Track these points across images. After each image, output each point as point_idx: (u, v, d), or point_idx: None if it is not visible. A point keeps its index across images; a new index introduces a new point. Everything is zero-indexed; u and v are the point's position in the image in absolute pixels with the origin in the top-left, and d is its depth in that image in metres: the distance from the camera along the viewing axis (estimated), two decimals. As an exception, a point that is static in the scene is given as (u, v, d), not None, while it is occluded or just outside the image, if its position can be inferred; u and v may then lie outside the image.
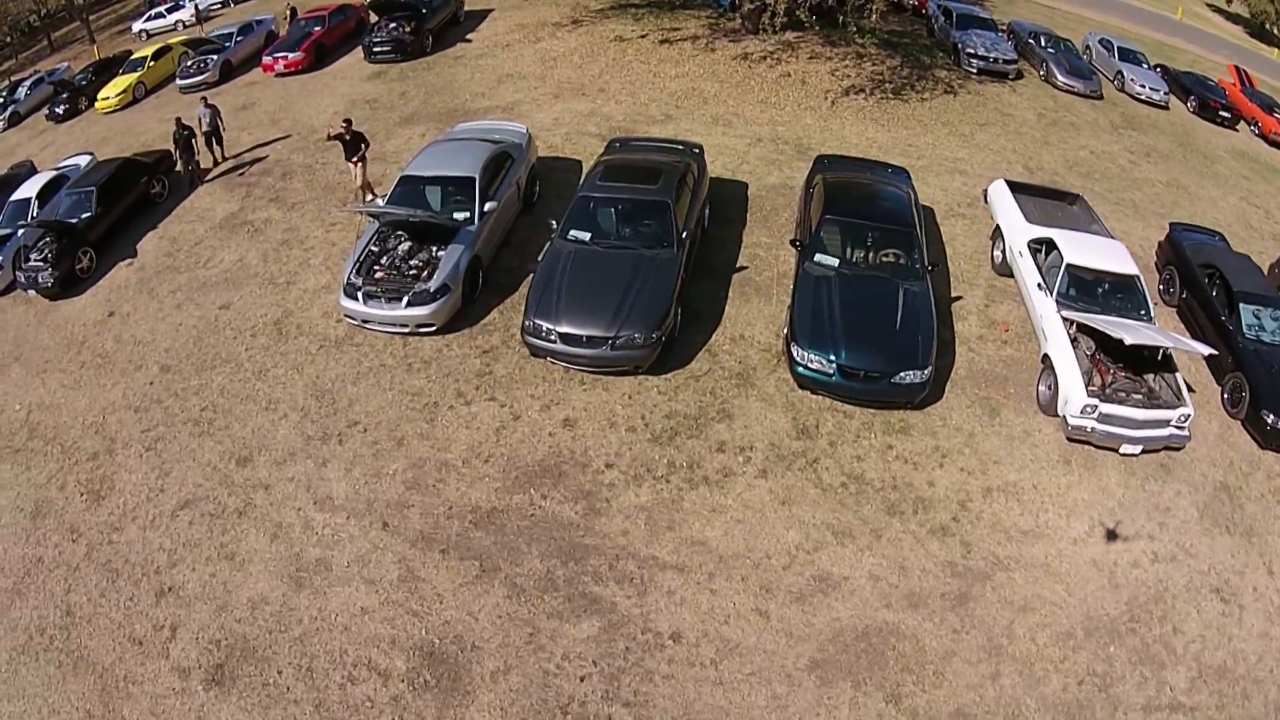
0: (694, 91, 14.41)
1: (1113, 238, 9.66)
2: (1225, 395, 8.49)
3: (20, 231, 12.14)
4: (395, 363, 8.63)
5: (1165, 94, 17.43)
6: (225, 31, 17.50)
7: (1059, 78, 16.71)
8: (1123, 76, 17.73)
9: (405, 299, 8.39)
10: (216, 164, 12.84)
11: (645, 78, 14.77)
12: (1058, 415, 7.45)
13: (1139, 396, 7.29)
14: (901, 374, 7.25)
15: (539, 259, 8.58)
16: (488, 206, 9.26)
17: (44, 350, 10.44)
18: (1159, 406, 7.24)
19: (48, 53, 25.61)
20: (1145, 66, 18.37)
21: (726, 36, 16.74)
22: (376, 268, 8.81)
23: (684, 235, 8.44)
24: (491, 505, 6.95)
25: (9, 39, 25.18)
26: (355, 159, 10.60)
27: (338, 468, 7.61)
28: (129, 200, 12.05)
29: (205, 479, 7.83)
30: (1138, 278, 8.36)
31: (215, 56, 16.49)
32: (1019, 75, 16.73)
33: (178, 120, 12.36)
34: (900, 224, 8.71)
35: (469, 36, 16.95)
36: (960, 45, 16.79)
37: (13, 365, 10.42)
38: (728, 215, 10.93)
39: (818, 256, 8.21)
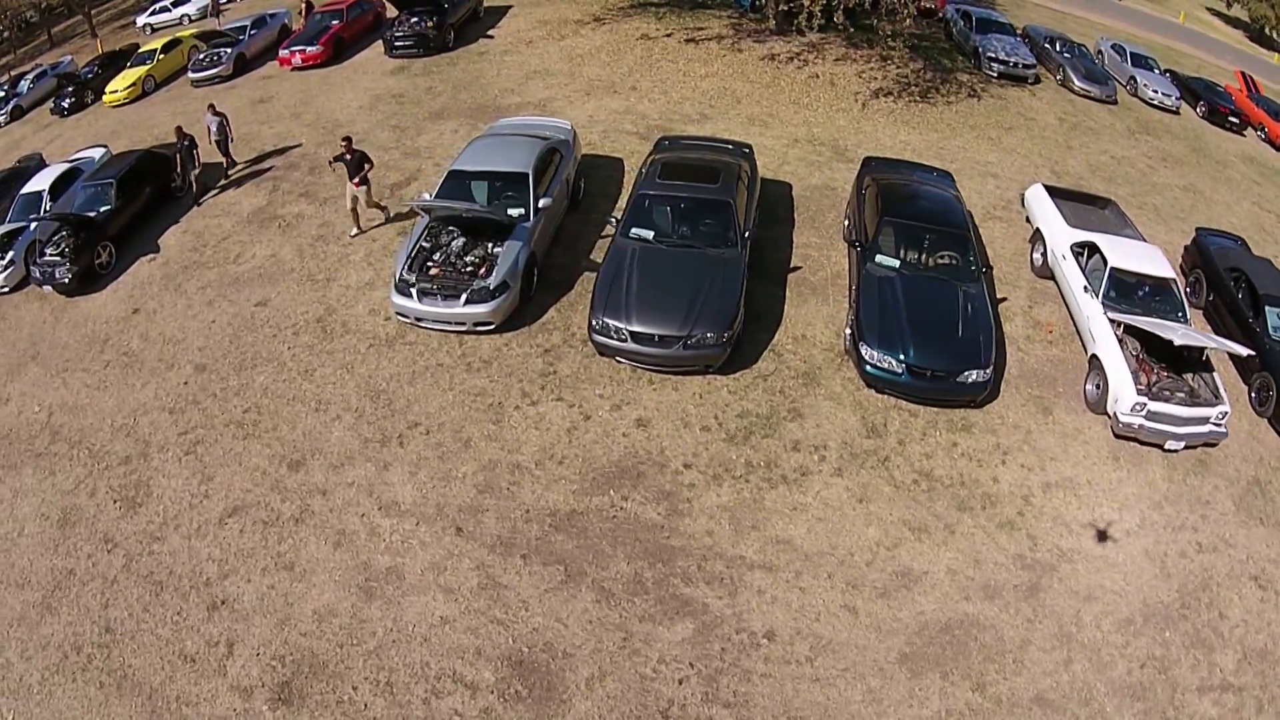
0: (726, 91, 14.32)
1: (1146, 241, 9.91)
2: (1253, 394, 8.76)
3: (33, 225, 11.62)
4: (453, 362, 8.33)
5: (1177, 99, 17.67)
6: (239, 24, 17.07)
7: (1076, 83, 16.88)
8: (1135, 82, 17.95)
9: (463, 296, 8.13)
10: (226, 174, 12.16)
11: (675, 76, 14.65)
12: (1106, 413, 7.68)
13: (1182, 395, 7.56)
14: (966, 373, 7.40)
15: (604, 257, 8.44)
16: (542, 203, 9.03)
17: (63, 349, 9.94)
18: (1200, 404, 7.52)
19: (47, 47, 24.87)
20: (1157, 72, 18.64)
21: (751, 37, 16.72)
22: (430, 264, 8.52)
23: (746, 235, 8.50)
24: (570, 508, 6.76)
25: (6, 34, 24.43)
26: (357, 179, 9.80)
27: (401, 471, 7.29)
28: (149, 193, 11.59)
29: (254, 484, 7.44)
30: (1174, 281, 8.65)
31: (229, 50, 16.02)
32: (1037, 80, 16.92)
33: (178, 130, 11.64)
34: (955, 226, 8.87)
35: (490, 33, 16.72)
36: (981, 49, 16.94)
37: (29, 364, 9.89)
38: (776, 215, 10.88)
39: (879, 257, 8.34)
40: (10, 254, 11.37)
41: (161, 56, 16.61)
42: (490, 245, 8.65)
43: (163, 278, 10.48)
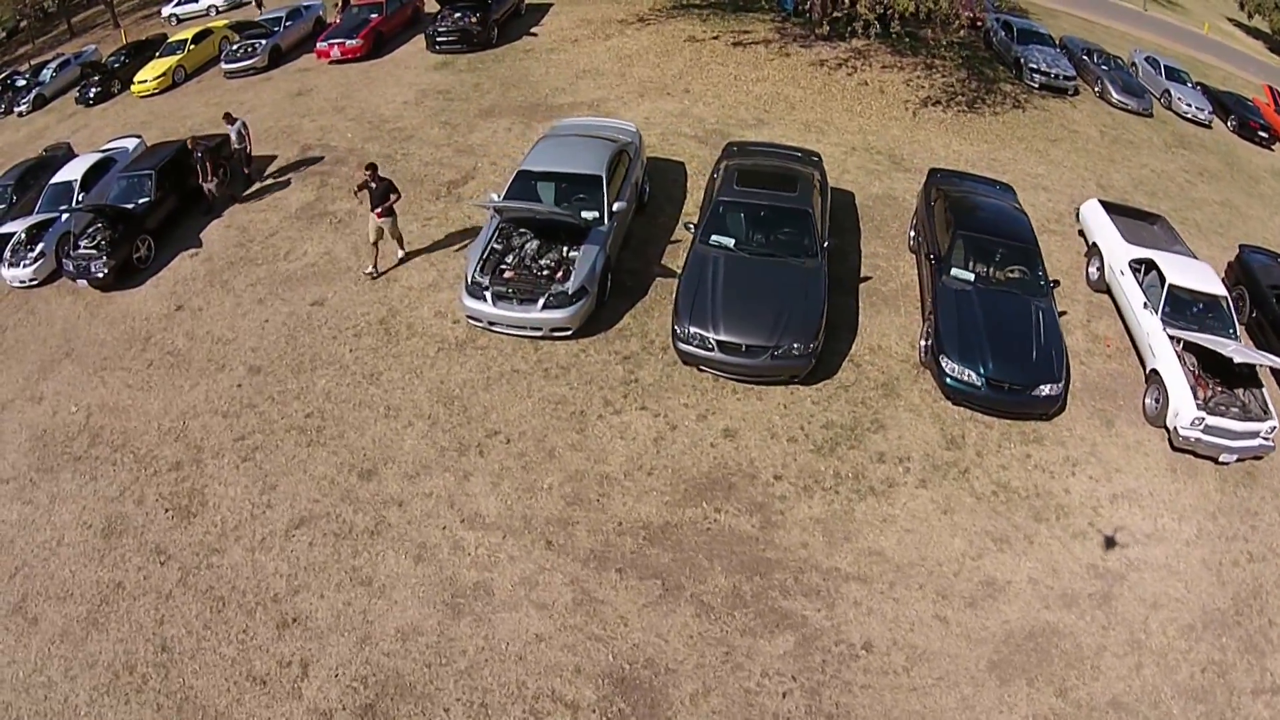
0: (778, 96, 14.14)
1: (1196, 258, 9.97)
2: None
3: (64, 216, 11.20)
4: (529, 368, 7.98)
5: (1210, 113, 17.70)
6: (273, 15, 16.73)
7: (1114, 95, 16.86)
8: (1170, 95, 17.97)
9: (541, 301, 7.85)
10: (250, 182, 11.61)
11: (726, 80, 14.45)
12: (1164, 426, 7.96)
13: (1236, 410, 7.81)
14: (1040, 387, 7.50)
15: (683, 264, 8.28)
16: (616, 206, 8.77)
17: (100, 346, 9.48)
18: (1252, 419, 7.76)
19: (67, 37, 24.46)
20: (1190, 85, 18.68)
21: (797, 41, 16.62)
22: (503, 267, 8.21)
23: (824, 245, 8.51)
24: (664, 520, 6.61)
25: (24, 23, 24.08)
26: (380, 209, 8.84)
27: (483, 481, 6.94)
28: (190, 186, 11.16)
29: (322, 494, 7.01)
30: (1226, 298, 8.81)
31: (264, 41, 15.69)
32: (1076, 91, 16.92)
33: (192, 140, 11.08)
34: (1025, 240, 8.93)
35: (533, 30, 16.50)
36: (1024, 60, 16.92)
37: (63, 361, 9.43)
38: (842, 224, 10.70)
39: (954, 270, 8.37)
40: (40, 245, 10.92)
41: (192, 47, 16.30)
42: (565, 249, 8.40)
43: (207, 274, 10.06)
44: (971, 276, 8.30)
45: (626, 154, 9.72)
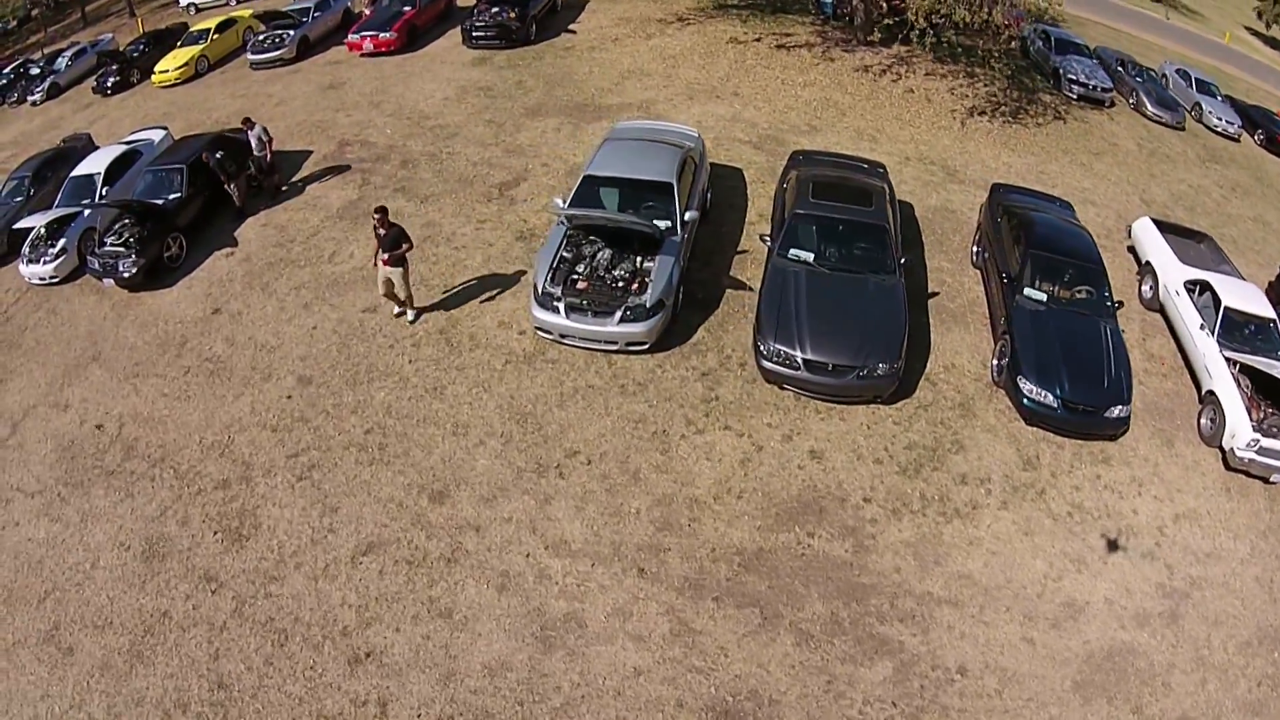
0: (827, 102, 13.84)
1: (1244, 278, 9.93)
2: None
3: (87, 211, 10.68)
4: (604, 384, 7.58)
5: (1239, 127, 17.63)
6: (301, 5, 16.18)
7: (1149, 108, 16.75)
8: (1200, 108, 17.88)
9: (618, 314, 7.48)
10: (278, 192, 10.96)
11: (774, 84, 14.14)
12: (1219, 447, 8.07)
13: None
14: (1112, 408, 7.58)
15: (763, 277, 8.08)
16: (688, 215, 8.42)
17: (130, 350, 8.94)
18: None
19: (80, 26, 23.85)
20: (1219, 98, 18.62)
21: (839, 45, 16.38)
22: (575, 276, 7.83)
23: (902, 261, 8.37)
24: (757, 545, 6.45)
25: (36, 11, 23.53)
26: (388, 257, 7.74)
27: (565, 505, 6.56)
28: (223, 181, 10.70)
29: (390, 518, 6.54)
30: (1275, 321, 8.85)
31: (292, 32, 15.18)
32: (1112, 103, 16.82)
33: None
34: (1092, 260, 8.89)
35: (571, 27, 16.11)
36: (1062, 71, 16.81)
37: (90, 366, 8.89)
38: (905, 237, 10.36)
39: (1028, 290, 8.32)
40: (62, 241, 10.36)
41: (216, 36, 15.80)
42: (639, 259, 8.04)
43: (245, 275, 9.55)
44: (1044, 296, 8.27)
45: (692, 160, 9.36)
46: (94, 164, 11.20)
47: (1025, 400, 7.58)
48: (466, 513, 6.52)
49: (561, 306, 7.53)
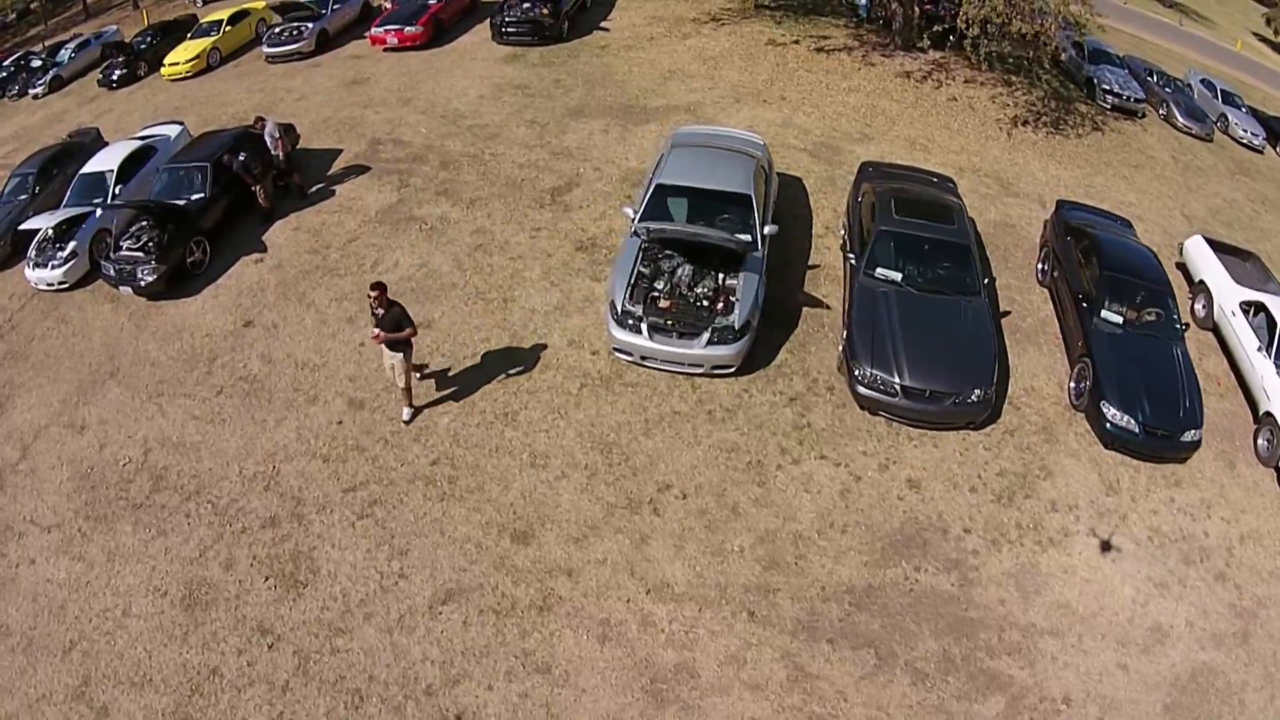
0: (875, 109, 13.46)
1: None
2: None
3: (100, 212, 9.87)
4: (690, 410, 7.04)
5: (1264, 139, 17.58)
6: (318, -4, 15.52)
7: (1179, 119, 16.62)
8: (1226, 120, 17.80)
9: (705, 335, 6.97)
10: (303, 193, 10.19)
11: (819, 89, 13.68)
12: (1274, 467, 8.13)
13: None
14: (1188, 432, 7.59)
15: (850, 298, 7.72)
16: (767, 229, 7.93)
17: (152, 366, 8.20)
18: None
19: (82, 18, 22.85)
20: (1243, 109, 18.59)
21: (877, 50, 16.04)
22: (655, 294, 7.30)
23: (986, 281, 8.12)
24: (866, 583, 6.23)
25: (35, 4, 22.63)
26: (379, 333, 6.46)
27: (663, 545, 6.08)
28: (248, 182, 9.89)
29: (469, 562, 5.92)
30: None
31: (310, 24, 14.40)
32: (1144, 114, 16.71)
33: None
34: (1161, 282, 8.76)
35: (603, 25, 15.49)
36: (1096, 80, 16.64)
37: (107, 383, 8.13)
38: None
39: (1105, 314, 8.21)
40: (72, 244, 9.53)
41: (228, 28, 14.99)
42: (721, 276, 7.55)
43: (278, 284, 8.83)
44: (1120, 319, 8.15)
45: (763, 169, 8.85)
46: (105, 160, 10.36)
47: (1108, 425, 7.45)
48: (555, 555, 5.96)
49: (644, 327, 6.97)
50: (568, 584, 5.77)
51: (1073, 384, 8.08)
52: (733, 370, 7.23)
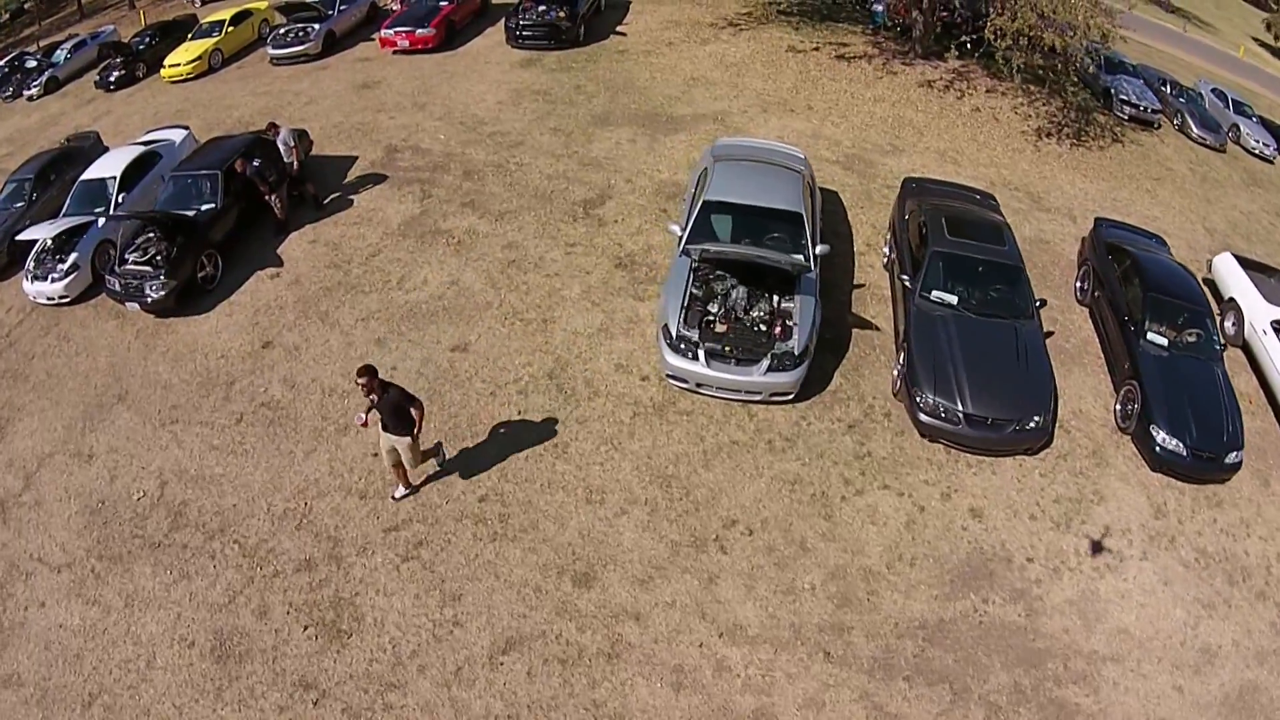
0: (902, 120, 13.30)
1: None
2: None
3: (101, 222, 9.35)
4: (749, 439, 6.77)
5: (1275, 149, 17.71)
6: (322, -3, 15.02)
7: (1194, 130, 16.66)
8: (1238, 130, 17.89)
9: (765, 362, 6.71)
10: (317, 204, 9.73)
11: (844, 98, 13.50)
12: None
13: None
14: (1231, 453, 7.67)
15: (905, 322, 7.57)
16: (819, 249, 7.69)
17: (164, 389, 7.73)
18: None
19: (77, 19, 22.18)
20: (1254, 119, 18.75)
21: (897, 58, 15.93)
22: (710, 318, 7.01)
23: (1037, 304, 8.02)
24: (938, 617, 6.18)
25: (30, 4, 21.95)
26: (374, 414, 5.75)
27: (734, 585, 5.84)
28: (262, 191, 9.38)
29: (529, 607, 5.57)
30: None
31: (317, 25, 13.92)
32: (1159, 125, 16.79)
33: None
34: (1200, 303, 8.74)
35: (620, 29, 15.21)
36: (1114, 91, 16.66)
37: (115, 407, 7.66)
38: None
39: (1151, 336, 8.24)
40: (73, 256, 9.01)
41: (230, 29, 14.48)
42: (775, 298, 7.30)
43: (297, 302, 8.39)
44: (1165, 341, 8.14)
45: (808, 185, 8.61)
46: (107, 167, 9.82)
47: (1157, 449, 7.44)
48: (621, 598, 5.65)
49: (701, 353, 6.67)
50: (636, 629, 5.46)
51: (1119, 406, 8.05)
52: (791, 397, 6.98)
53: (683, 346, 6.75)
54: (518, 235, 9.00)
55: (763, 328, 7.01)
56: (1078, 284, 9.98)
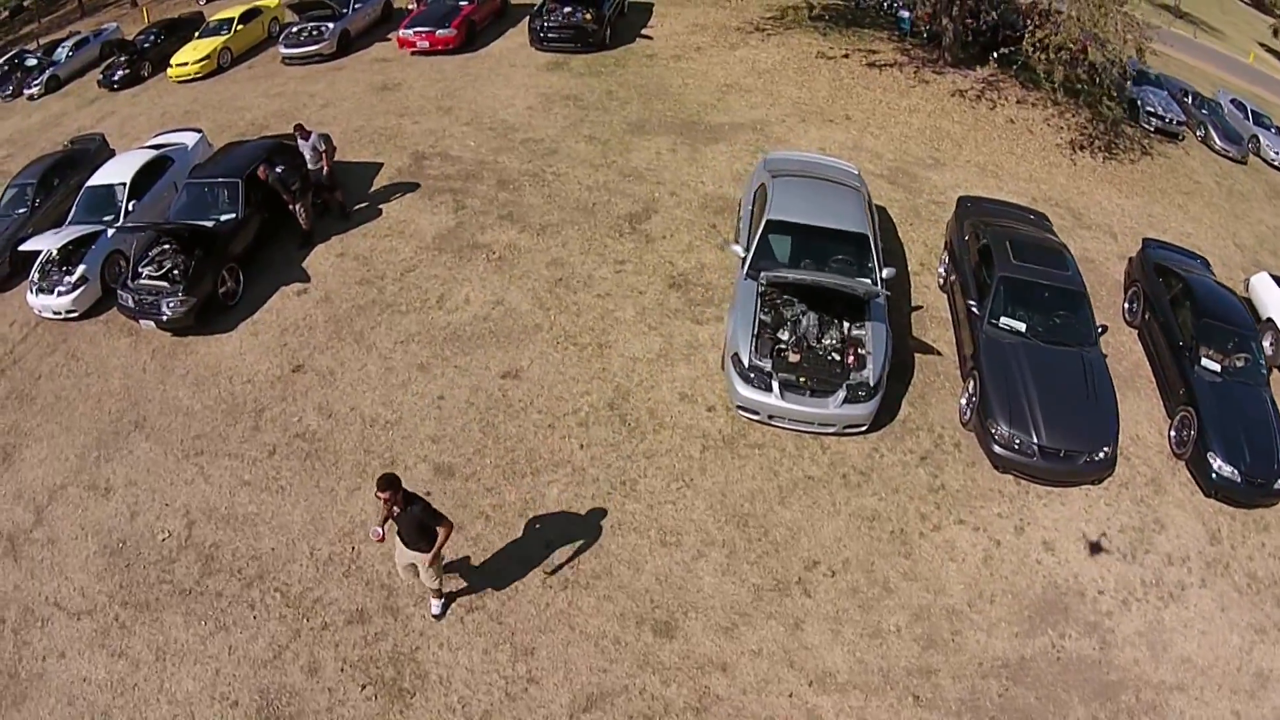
0: (939, 131, 13.14)
1: None
2: None
3: (111, 231, 8.83)
4: (823, 474, 6.52)
5: None
6: (334, -7, 14.51)
7: (1217, 142, 16.73)
8: (1258, 141, 17.99)
9: (841, 394, 6.47)
10: (343, 213, 9.28)
11: (880, 108, 13.31)
12: None
13: None
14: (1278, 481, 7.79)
15: (975, 351, 7.42)
16: (886, 273, 7.47)
17: (185, 417, 7.26)
18: None
19: (77, 16, 21.60)
20: (1273, 130, 18.84)
21: (927, 66, 15.81)
22: (781, 347, 6.75)
23: (1099, 330, 7.93)
24: (1019, 655, 6.17)
25: (30, 1, 21.47)
26: (408, 540, 5.20)
27: (820, 629, 5.66)
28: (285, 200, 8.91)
29: (609, 660, 5.23)
30: None
31: (331, 24, 13.45)
32: (1183, 136, 16.84)
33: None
34: (1248, 327, 8.77)
35: (645, 33, 14.93)
36: (1140, 102, 16.67)
37: (132, 435, 7.20)
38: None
39: (1204, 362, 8.25)
40: (81, 268, 8.50)
41: (240, 27, 13.99)
42: (846, 325, 7.06)
43: (328, 321, 7.95)
44: (1218, 368, 8.15)
45: (869, 204, 8.40)
46: (116, 172, 9.31)
47: (1214, 476, 7.48)
48: (705, 648, 5.37)
49: (775, 384, 6.41)
50: (723, 681, 5.18)
51: (1173, 432, 8.08)
52: (864, 429, 6.76)
53: (755, 377, 6.46)
54: (562, 251, 8.64)
55: (835, 356, 6.76)
56: (1126, 305, 9.92)
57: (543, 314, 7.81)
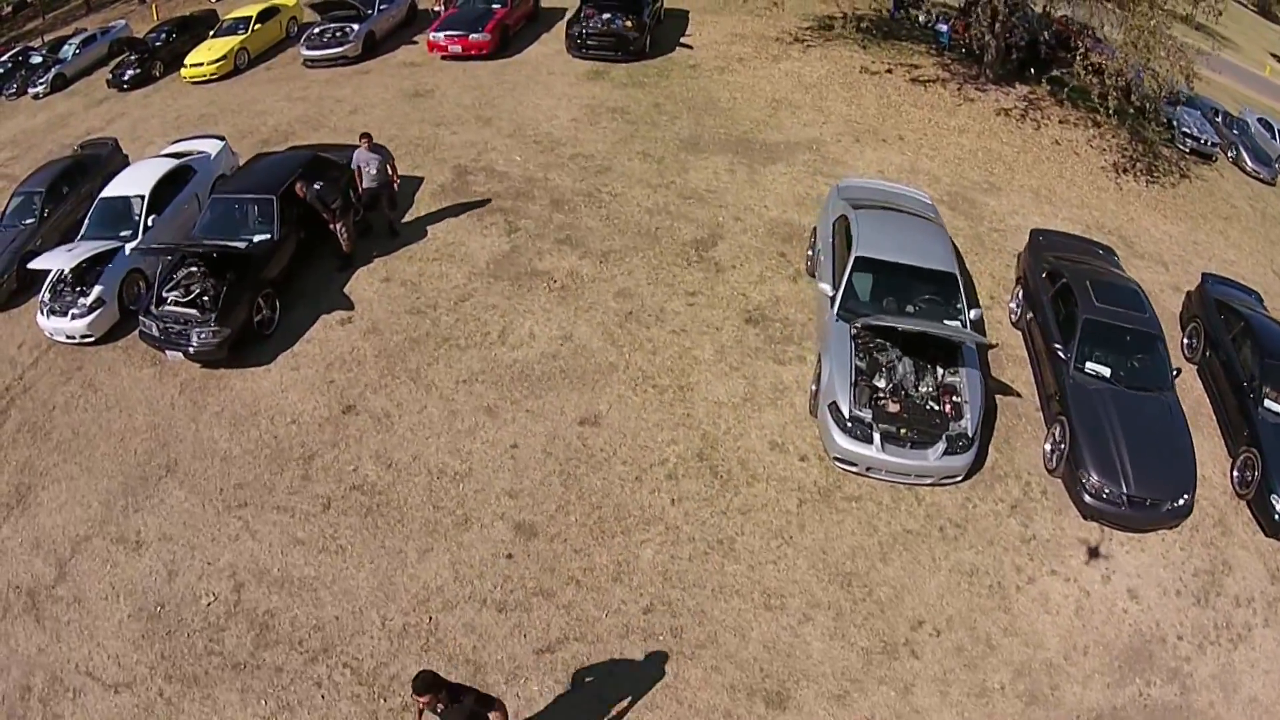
0: (990, 154, 13.02)
1: None
2: None
3: (128, 249, 8.23)
4: (921, 527, 6.33)
5: None
6: (359, -6, 13.98)
7: (1249, 163, 16.89)
8: None
9: (941, 445, 6.27)
10: (393, 231, 8.86)
11: (929, 128, 13.13)
12: None
13: None
14: None
15: (1064, 398, 7.32)
16: (973, 314, 7.26)
17: (224, 462, 6.74)
18: None
19: (83, 12, 20.88)
20: None
21: (970, 83, 15.80)
22: (880, 396, 6.49)
23: (1175, 373, 7.87)
24: (1111, 705, 6.21)
25: None
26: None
27: (928, 692, 5.54)
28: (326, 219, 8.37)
29: (724, 751, 4.88)
30: None
31: (356, 25, 12.93)
32: (1216, 157, 17.01)
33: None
34: None
35: (685, 41, 14.61)
36: (1176, 123, 16.78)
37: (164, 481, 6.68)
38: None
39: (1268, 403, 8.20)
40: (97, 289, 7.93)
41: (257, 26, 13.44)
42: (940, 371, 6.84)
43: (378, 355, 7.48)
44: (1279, 408, 8.08)
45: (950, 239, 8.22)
46: (134, 183, 8.71)
47: (1277, 517, 7.51)
48: (819, 718, 5.13)
49: (876, 436, 6.15)
50: (843, 758, 4.86)
51: (1236, 473, 8.09)
52: (959, 479, 6.58)
53: (854, 428, 6.19)
54: (629, 281, 8.26)
55: (933, 405, 6.55)
56: (1185, 340, 9.85)
57: (616, 352, 7.41)
